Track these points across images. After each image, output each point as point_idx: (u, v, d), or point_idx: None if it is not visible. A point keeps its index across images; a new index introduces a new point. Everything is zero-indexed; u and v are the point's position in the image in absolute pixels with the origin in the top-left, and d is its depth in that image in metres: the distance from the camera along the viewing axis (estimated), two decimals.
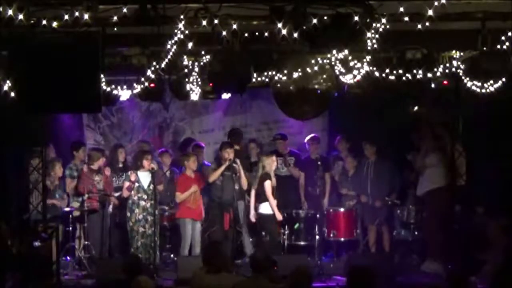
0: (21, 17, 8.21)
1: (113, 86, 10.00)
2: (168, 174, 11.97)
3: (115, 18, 8.67)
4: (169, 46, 9.06)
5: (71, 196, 11.50)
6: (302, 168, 12.23)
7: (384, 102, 11.17)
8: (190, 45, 9.03)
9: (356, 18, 8.43)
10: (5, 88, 9.20)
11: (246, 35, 9.03)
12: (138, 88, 9.85)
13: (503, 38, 9.08)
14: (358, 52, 9.41)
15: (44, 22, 8.50)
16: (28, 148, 10.50)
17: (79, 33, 8.47)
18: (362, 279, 6.33)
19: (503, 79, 9.39)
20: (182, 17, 8.76)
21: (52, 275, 9.78)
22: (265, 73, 9.89)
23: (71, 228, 11.11)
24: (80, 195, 11.25)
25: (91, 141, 13.05)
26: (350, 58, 9.51)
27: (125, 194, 11.09)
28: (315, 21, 8.45)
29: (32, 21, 8.42)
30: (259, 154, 12.14)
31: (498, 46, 9.12)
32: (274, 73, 9.91)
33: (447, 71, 9.63)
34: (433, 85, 9.93)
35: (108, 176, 11.47)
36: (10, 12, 8.18)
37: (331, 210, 11.52)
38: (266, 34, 8.98)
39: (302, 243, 11.30)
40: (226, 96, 10.74)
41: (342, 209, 11.55)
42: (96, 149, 11.87)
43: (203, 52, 9.57)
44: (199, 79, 9.77)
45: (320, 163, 11.59)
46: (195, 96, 10.13)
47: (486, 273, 8.66)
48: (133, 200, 11.00)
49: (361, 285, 6.34)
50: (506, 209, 10.42)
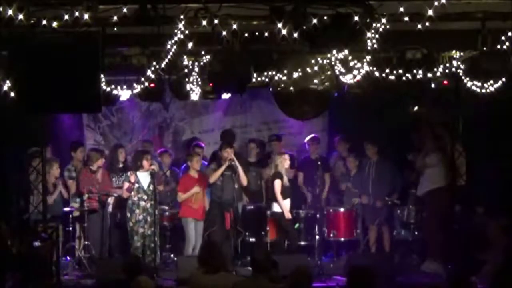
0: (21, 17, 8.21)
1: (113, 86, 9.99)
2: (168, 174, 11.97)
3: (115, 18, 8.68)
4: (169, 46, 9.07)
5: (71, 196, 11.51)
6: (299, 168, 12.24)
7: (384, 102, 11.17)
8: (190, 45, 9.03)
9: (356, 18, 8.44)
10: (5, 88, 9.20)
11: (246, 35, 9.04)
12: (138, 88, 9.84)
13: (503, 38, 9.09)
14: (358, 52, 9.42)
15: (44, 22, 8.50)
16: (28, 148, 10.51)
17: (79, 33, 8.47)
18: (362, 279, 6.33)
19: (503, 79, 9.40)
20: (182, 17, 8.77)
21: (52, 275, 9.76)
22: (265, 73, 9.89)
23: (71, 228, 11.13)
24: (80, 195, 11.25)
25: (91, 141, 13.04)
26: (350, 58, 9.51)
27: (124, 195, 11.08)
28: (315, 21, 8.46)
29: (32, 21, 8.43)
30: (259, 154, 12.16)
31: (498, 46, 9.13)
32: (274, 73, 9.91)
33: (447, 71, 9.63)
34: (433, 85, 9.92)
35: (105, 176, 11.44)
36: (10, 12, 8.18)
37: (331, 210, 11.52)
38: (266, 34, 8.99)
39: (302, 243, 11.29)
40: (226, 96, 10.75)
41: (342, 209, 11.55)
42: (95, 150, 11.84)
43: (203, 52, 9.57)
44: (199, 79, 9.76)
45: (320, 163, 11.59)
46: (195, 96, 10.13)
47: (486, 273, 8.65)
48: (133, 201, 10.98)
49: (361, 285, 6.33)
50: (506, 209, 10.41)
